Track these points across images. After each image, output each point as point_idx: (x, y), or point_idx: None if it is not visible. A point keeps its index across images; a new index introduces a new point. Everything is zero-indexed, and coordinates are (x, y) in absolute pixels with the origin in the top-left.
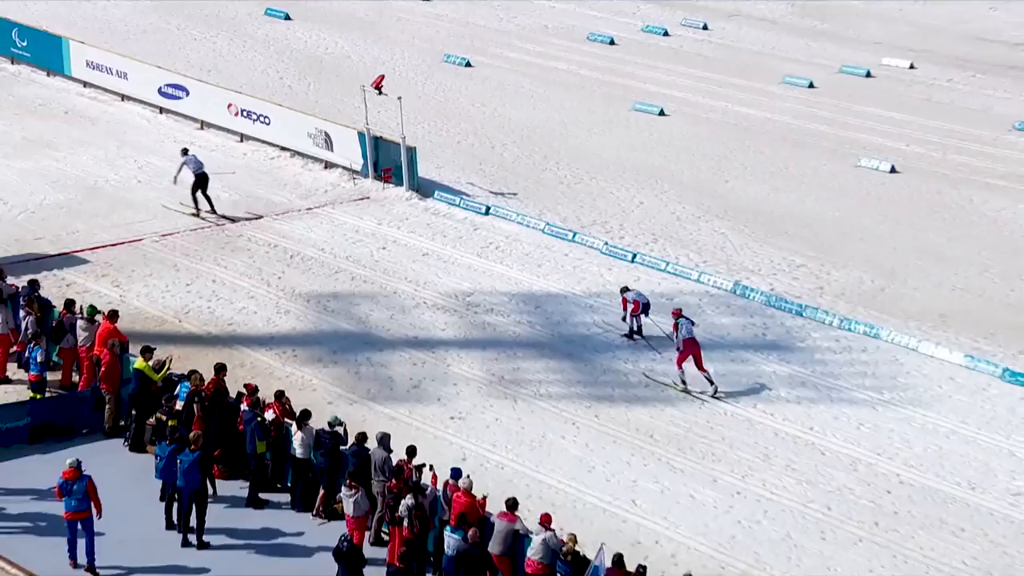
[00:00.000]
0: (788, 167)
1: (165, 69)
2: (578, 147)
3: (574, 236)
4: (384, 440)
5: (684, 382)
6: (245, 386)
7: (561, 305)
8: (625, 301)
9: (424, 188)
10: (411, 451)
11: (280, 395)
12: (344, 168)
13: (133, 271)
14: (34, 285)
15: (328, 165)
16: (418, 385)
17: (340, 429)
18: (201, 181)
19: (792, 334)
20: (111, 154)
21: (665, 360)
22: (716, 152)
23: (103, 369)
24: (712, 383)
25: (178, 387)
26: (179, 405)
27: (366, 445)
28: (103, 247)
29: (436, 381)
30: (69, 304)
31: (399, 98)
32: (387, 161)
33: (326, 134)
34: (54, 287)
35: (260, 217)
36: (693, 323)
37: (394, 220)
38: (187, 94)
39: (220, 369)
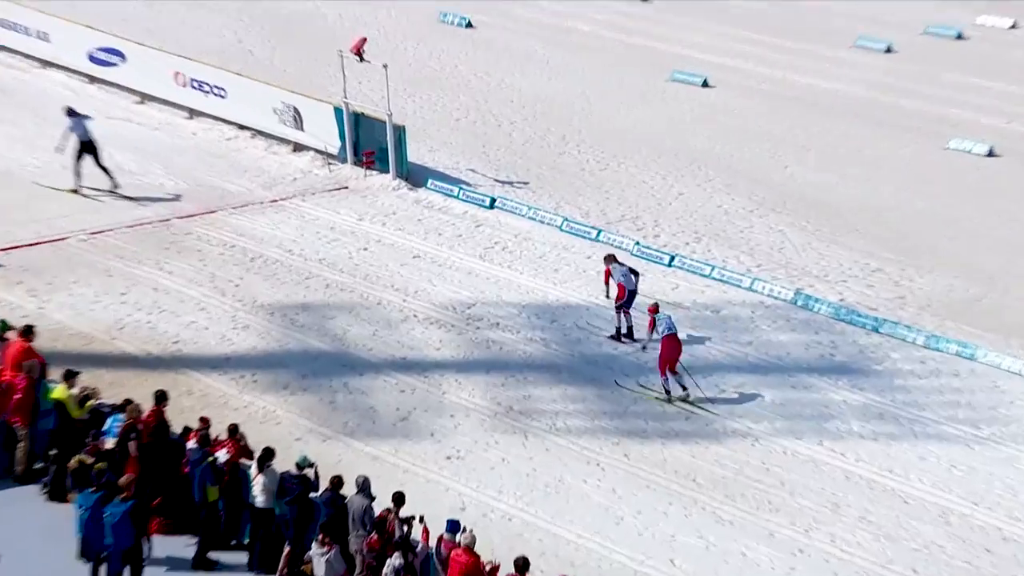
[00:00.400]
0: (861, 150)
1: (96, 29)
2: (603, 125)
3: (598, 234)
4: (364, 485)
5: (669, 392)
6: (200, 420)
7: (582, 319)
8: (608, 275)
9: (415, 175)
10: (398, 499)
11: (235, 430)
12: (317, 151)
13: (55, 277)
14: None
15: (297, 147)
16: (407, 417)
17: (310, 472)
18: (88, 149)
19: (867, 355)
20: (28, 133)
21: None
22: (773, 132)
23: (15, 398)
24: (684, 387)
25: (108, 421)
26: (109, 443)
27: (342, 492)
28: (17, 247)
29: (429, 412)
30: None
31: (384, 66)
32: (370, 143)
33: (295, 109)
34: None
35: (213, 211)
36: (671, 319)
37: (378, 215)
38: (123, 60)
39: (161, 398)
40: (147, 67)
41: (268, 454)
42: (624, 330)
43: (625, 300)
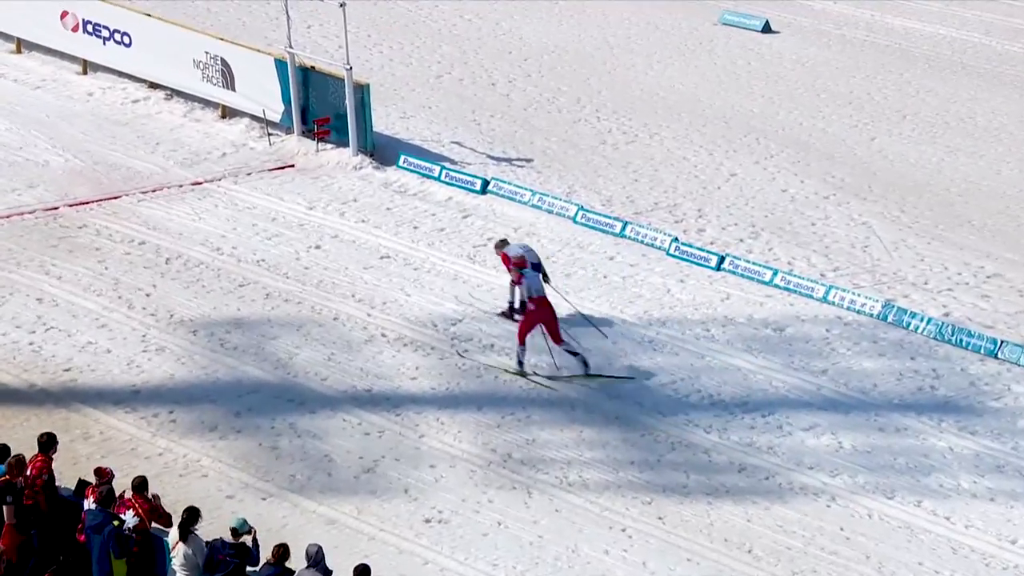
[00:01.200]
0: (974, 115)
1: None
2: (630, 84)
3: (624, 228)
4: (318, 557)
5: (522, 363)
6: (99, 472)
7: (601, 339)
8: (506, 259)
9: (383, 150)
10: (361, 574)
11: (143, 485)
12: (253, 118)
13: None
14: None
15: (227, 112)
16: (373, 468)
17: (247, 539)
18: None
19: (979, 387)
20: None
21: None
22: (855, 92)
23: None
24: (579, 355)
25: None
26: None
27: (288, 565)
28: None
29: (402, 461)
30: None
31: (342, 4)
32: (323, 107)
33: (223, 62)
34: None
35: (116, 197)
36: (545, 274)
37: (334, 202)
38: None
39: (48, 444)
40: (26, 4)
41: (192, 516)
42: (517, 305)
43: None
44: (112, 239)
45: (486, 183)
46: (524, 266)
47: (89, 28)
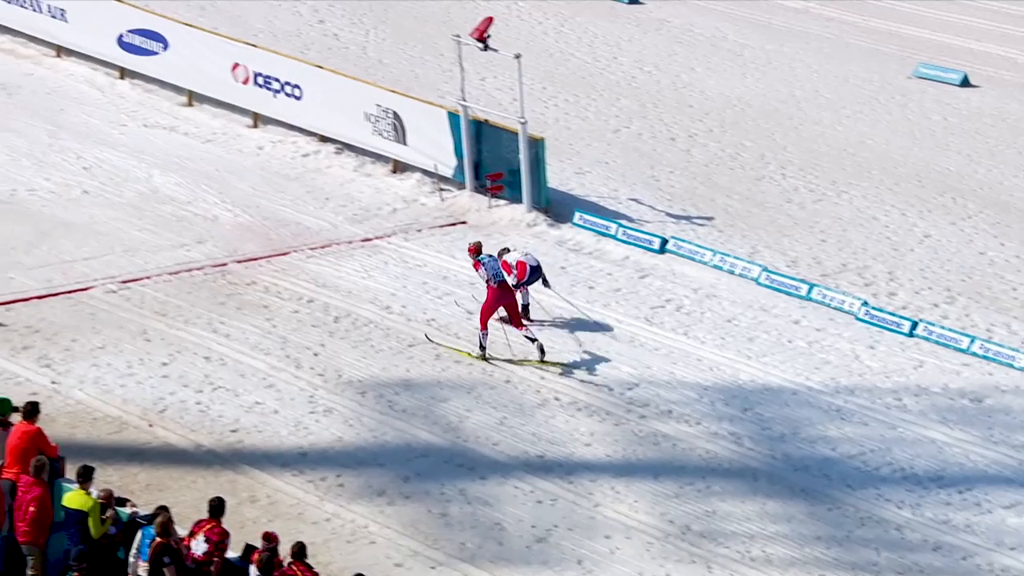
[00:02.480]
0: None
1: (129, 4)
2: (818, 140)
3: (810, 291)
4: None
5: (484, 347)
6: (265, 537)
7: (787, 407)
8: (507, 265)
9: (559, 207)
10: None
11: (302, 552)
12: (425, 172)
13: (74, 341)
14: None
15: (399, 167)
16: (545, 537)
17: None
18: None
19: None
20: (39, 145)
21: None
22: None
23: (29, 511)
24: (536, 340)
25: (138, 535)
26: (142, 569)
27: None
28: (23, 300)
29: (576, 531)
30: None
31: (517, 56)
32: (497, 162)
33: (395, 115)
34: None
35: (285, 253)
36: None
37: None
38: (165, 46)
39: (220, 509)
40: (197, 56)
41: None
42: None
43: (528, 279)
44: (280, 296)
45: (665, 242)
46: (480, 252)
47: (260, 80)
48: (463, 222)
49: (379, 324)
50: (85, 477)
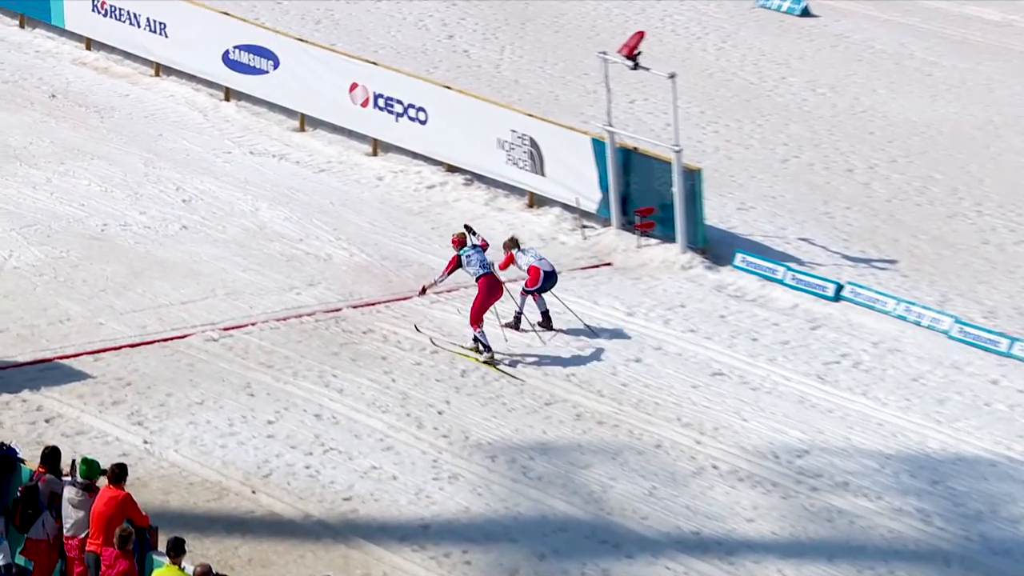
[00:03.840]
0: None
1: (236, 18)
2: (1020, 172)
3: (1011, 346)
4: None
5: (488, 347)
6: None
7: (985, 481)
8: (512, 259)
9: (718, 247)
10: None
11: None
12: (565, 207)
13: (169, 395)
14: None
15: (535, 201)
16: None
17: None
18: None
19: None
20: (134, 175)
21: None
22: None
23: None
24: (489, 347)
25: None
26: None
27: None
28: (114, 349)
29: None
30: (50, 457)
31: (671, 76)
32: (647, 196)
33: (532, 142)
34: (21, 423)
35: (407, 298)
36: (484, 252)
37: (658, 307)
38: (275, 65)
39: None
40: (311, 75)
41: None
42: (539, 316)
43: (541, 285)
44: (401, 346)
45: (840, 288)
46: (464, 245)
47: (380, 103)
48: (608, 264)
49: (511, 379)
50: (177, 550)
